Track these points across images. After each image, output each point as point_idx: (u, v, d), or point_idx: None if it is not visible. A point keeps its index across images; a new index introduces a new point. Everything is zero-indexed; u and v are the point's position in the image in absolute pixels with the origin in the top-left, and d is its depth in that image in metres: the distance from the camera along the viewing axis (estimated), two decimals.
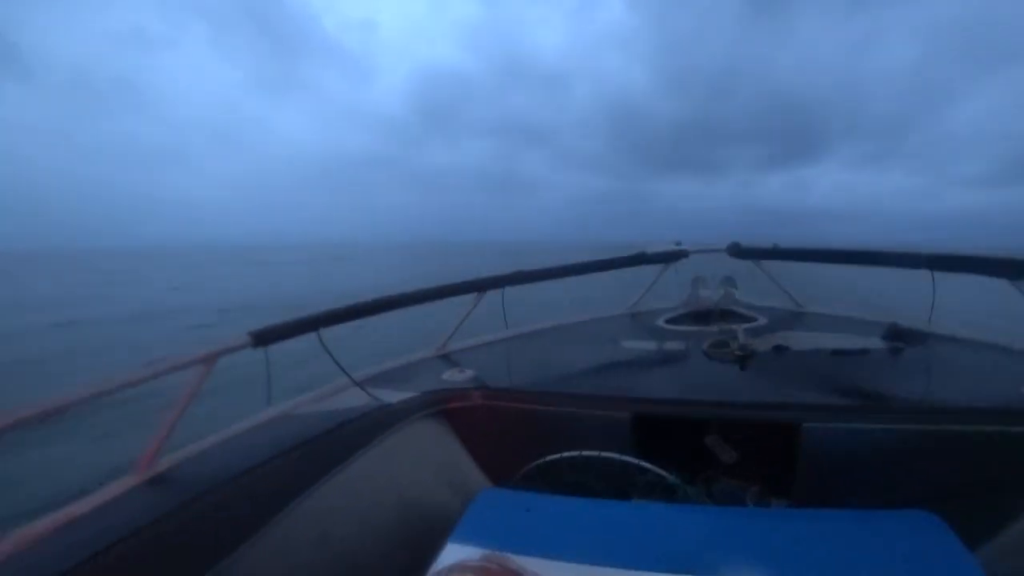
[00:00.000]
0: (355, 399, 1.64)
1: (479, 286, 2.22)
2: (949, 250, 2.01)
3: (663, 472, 1.27)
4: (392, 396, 1.66)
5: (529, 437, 1.66)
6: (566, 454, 1.35)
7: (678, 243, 3.06)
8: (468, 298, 2.23)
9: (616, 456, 1.30)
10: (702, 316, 2.78)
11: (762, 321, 2.55)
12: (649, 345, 2.26)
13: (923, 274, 2.06)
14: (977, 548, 1.13)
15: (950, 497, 1.24)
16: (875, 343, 1.98)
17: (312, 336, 1.60)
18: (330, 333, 1.65)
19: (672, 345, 2.20)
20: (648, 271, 2.94)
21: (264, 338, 1.45)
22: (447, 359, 2.14)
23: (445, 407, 1.73)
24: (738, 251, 2.92)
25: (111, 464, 3.45)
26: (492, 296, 2.29)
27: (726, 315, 2.74)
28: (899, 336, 2.01)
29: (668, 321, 2.69)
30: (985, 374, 1.71)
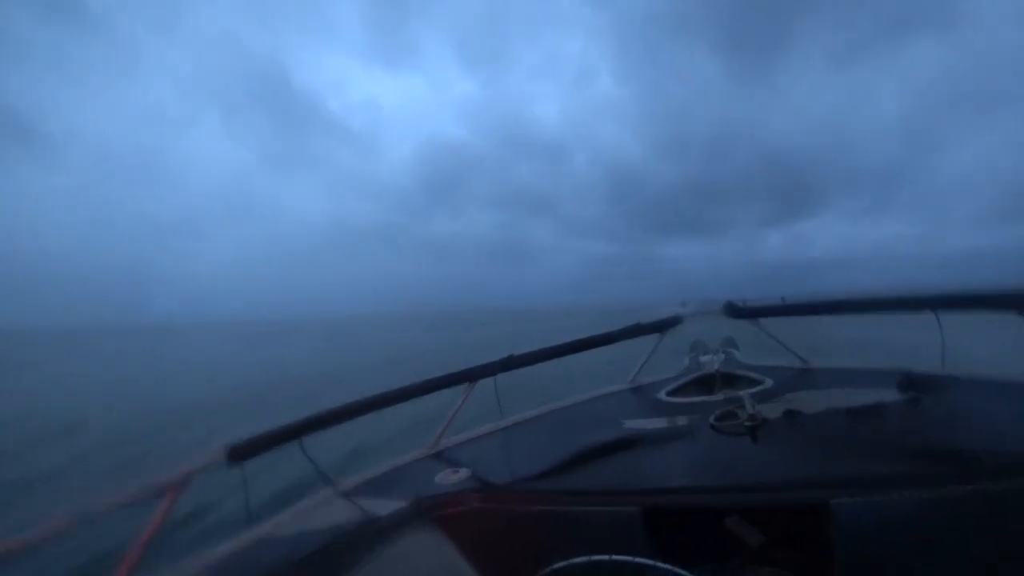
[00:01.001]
0: (342, 512, 1.52)
1: (469, 376, 2.13)
2: (950, 290, 1.96)
3: (683, 572, 1.11)
4: (382, 506, 1.52)
5: (533, 541, 1.51)
6: (574, 560, 1.18)
7: (684, 303, 3.01)
8: (459, 390, 2.13)
9: (629, 559, 1.15)
10: (705, 383, 2.67)
11: (768, 384, 2.43)
12: (653, 423, 2.11)
13: (928, 317, 1.99)
14: None
15: (1006, 569, 1.12)
16: (890, 395, 1.87)
17: (290, 447, 1.50)
18: (313, 437, 1.56)
19: (677, 421, 2.06)
20: (645, 341, 2.86)
21: (241, 452, 1.35)
22: (440, 457, 2.01)
23: (440, 514, 1.57)
24: (734, 311, 2.86)
25: None
26: (485, 384, 2.19)
27: (730, 380, 2.63)
28: (914, 385, 1.91)
29: (670, 393, 2.57)
30: (1012, 420, 1.58)
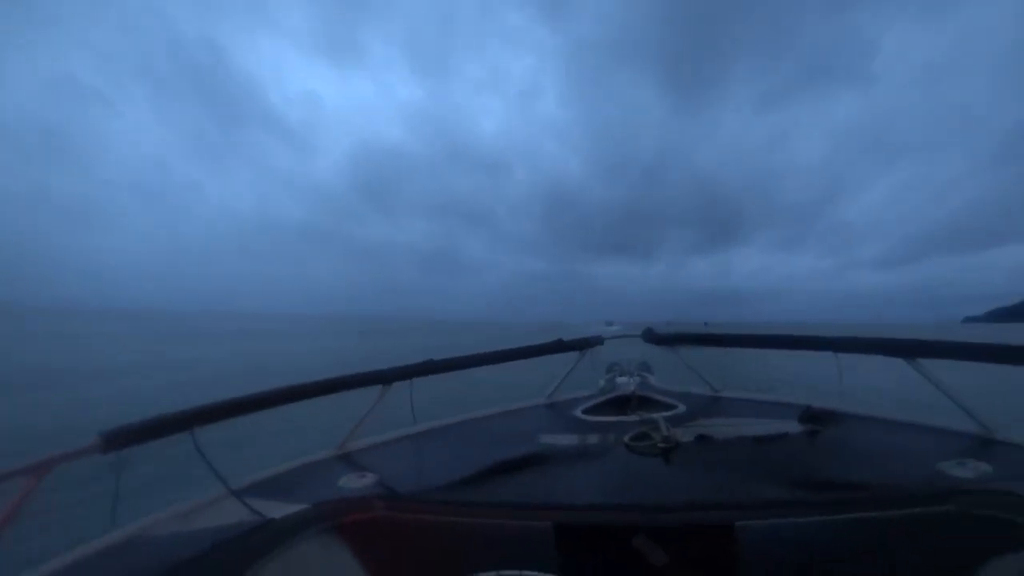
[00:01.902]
0: (232, 514, 1.38)
1: (385, 378, 2.05)
2: (851, 335, 2.17)
3: None
4: (278, 509, 1.40)
5: (438, 552, 1.47)
6: (482, 575, 1.16)
7: (610, 322, 3.11)
8: (374, 391, 2.05)
9: (538, 575, 1.15)
10: (621, 404, 2.75)
11: (681, 409, 2.54)
12: (568, 440, 2.13)
13: (829, 359, 2.18)
14: None
15: None
16: (793, 427, 2.03)
17: (179, 437, 1.37)
18: (205, 435, 1.43)
19: (592, 439, 2.10)
20: (564, 358, 2.92)
21: (118, 440, 1.22)
22: (346, 460, 1.90)
23: (341, 521, 1.47)
24: (653, 337, 2.99)
25: None
26: (400, 387, 2.13)
27: (644, 402, 2.72)
28: (814, 418, 2.09)
29: (586, 411, 2.62)
30: (898, 453, 1.75)
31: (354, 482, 1.63)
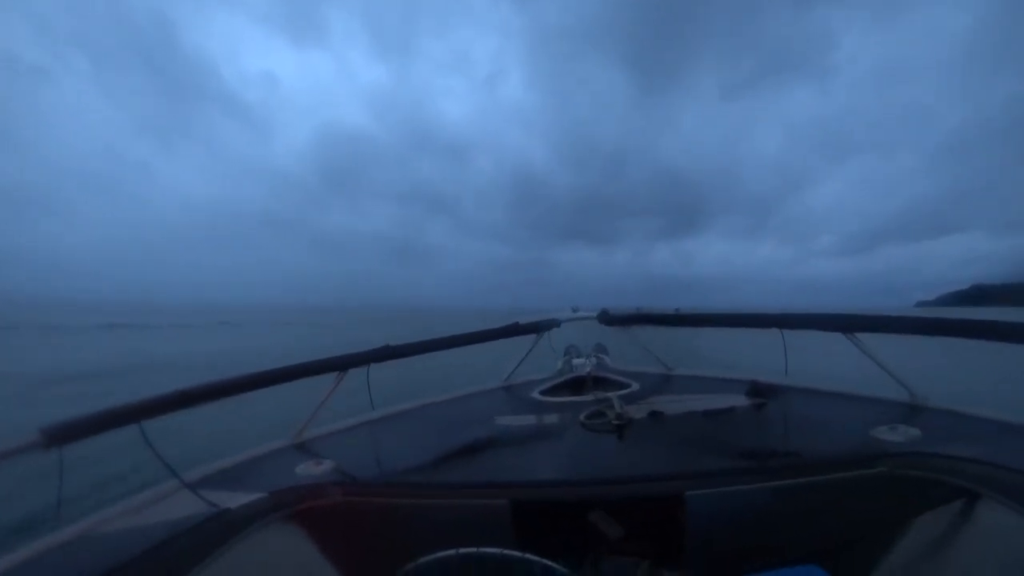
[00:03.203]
0: (186, 506, 1.34)
1: (341, 364, 2.04)
2: (793, 310, 2.30)
3: (550, 563, 1.15)
4: (232, 499, 1.37)
5: (399, 536, 1.47)
6: (440, 554, 1.16)
7: (575, 308, 3.17)
8: (330, 378, 2.04)
9: (497, 551, 1.16)
10: (577, 385, 2.83)
11: (635, 387, 2.62)
12: (525, 420, 2.18)
13: (774, 336, 2.30)
14: None
15: (832, 546, 1.37)
16: (741, 401, 2.15)
17: (126, 431, 1.31)
18: (153, 426, 1.37)
19: (548, 419, 2.15)
20: (521, 342, 2.97)
21: (61, 435, 1.16)
22: (302, 449, 1.89)
23: (299, 508, 1.46)
24: (607, 318, 3.06)
25: None
26: (356, 375, 2.12)
27: (600, 383, 2.79)
28: (760, 392, 2.22)
29: (543, 392, 2.68)
30: (837, 422, 1.88)
31: (311, 470, 1.62)
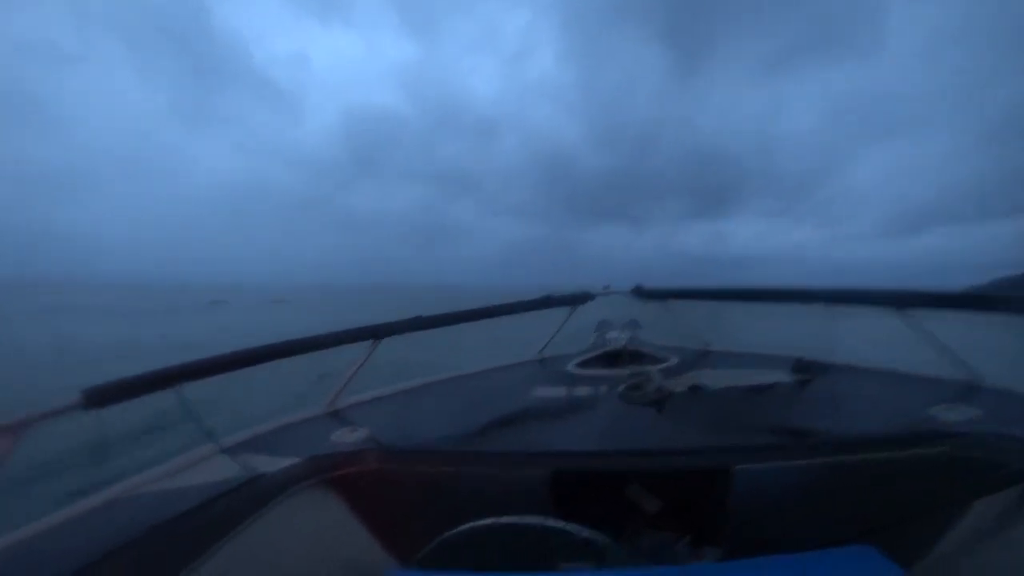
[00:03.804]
0: (223, 470, 1.36)
1: (374, 333, 2.02)
2: (841, 286, 2.19)
3: (591, 533, 1.13)
4: (270, 464, 1.39)
5: (435, 504, 1.47)
6: (479, 523, 1.14)
7: (607, 287, 3.10)
8: (362, 347, 2.02)
9: (538, 521, 1.13)
10: (612, 359, 2.77)
11: (674, 361, 2.56)
12: (561, 392, 2.15)
13: (819, 314, 2.20)
14: (910, 571, 1.14)
15: (880, 525, 1.31)
16: (785, 377, 2.06)
17: (164, 395, 1.33)
18: (192, 391, 1.40)
19: (585, 391, 2.12)
20: (553, 315, 2.92)
21: (102, 397, 1.19)
22: (336, 417, 1.89)
23: (334, 474, 1.47)
24: (643, 293, 2.99)
25: None
26: (389, 345, 2.10)
27: (636, 356, 2.74)
28: (806, 369, 2.12)
29: (578, 365, 2.63)
30: (891, 401, 1.81)
31: (346, 437, 1.62)
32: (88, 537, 1.04)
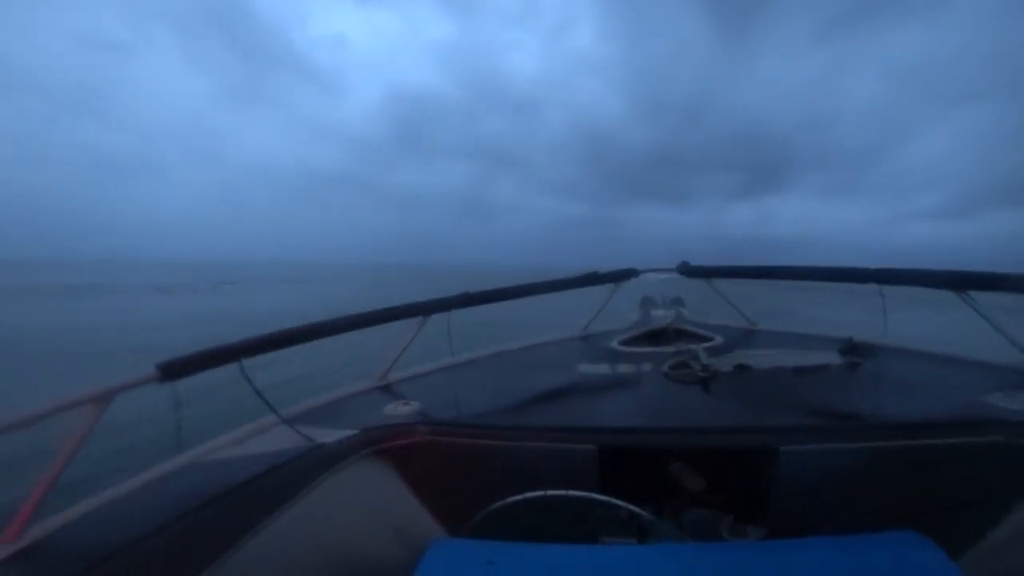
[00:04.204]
0: (283, 439, 1.45)
1: (423, 309, 2.07)
2: (895, 266, 2.09)
3: (636, 508, 1.14)
4: (326, 435, 1.47)
5: (483, 476, 1.51)
6: (530, 495, 1.18)
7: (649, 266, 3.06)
8: (411, 323, 2.08)
9: (587, 495, 1.16)
10: (657, 336, 2.75)
11: (719, 340, 2.53)
12: (606, 369, 2.15)
13: (868, 294, 2.12)
14: (958, 561, 1.13)
15: (927, 512, 1.27)
16: (834, 358, 2.02)
17: (228, 369, 1.42)
18: (252, 365, 1.47)
19: (631, 368, 2.11)
20: (596, 292, 2.89)
21: (174, 370, 1.27)
22: (388, 391, 1.96)
23: (387, 445, 1.54)
24: (689, 270, 2.94)
25: None
26: (437, 321, 2.15)
27: (681, 335, 2.71)
28: (856, 351, 2.07)
29: (623, 343, 2.62)
30: (944, 386, 1.74)
31: (398, 409, 1.69)
32: (164, 499, 1.13)
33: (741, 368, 1.93)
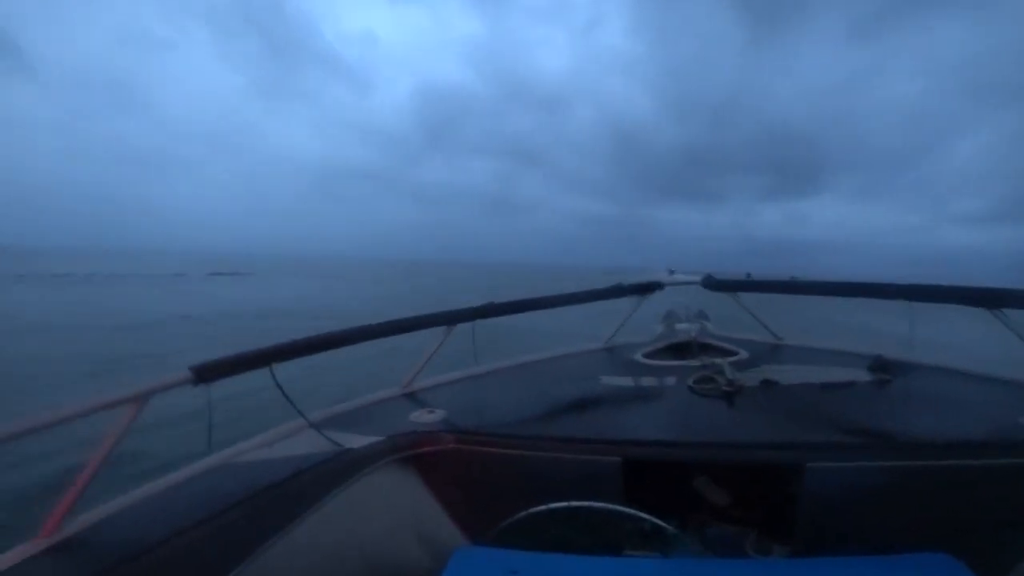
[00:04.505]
0: (311, 444, 1.48)
1: (449, 319, 2.10)
2: (926, 282, 2.05)
3: (660, 522, 1.15)
4: (353, 440, 1.50)
5: (507, 485, 1.53)
6: (554, 505, 1.20)
7: (671, 270, 3.05)
8: (436, 332, 2.10)
9: (611, 507, 1.17)
10: (681, 350, 2.73)
11: (744, 355, 2.50)
12: (630, 381, 2.15)
13: (896, 310, 2.08)
14: None
15: (958, 535, 1.22)
16: (862, 375, 1.98)
17: (259, 373, 1.45)
18: (282, 371, 1.51)
19: (655, 381, 2.11)
20: (619, 305, 2.89)
21: (207, 374, 1.31)
22: (413, 398, 1.99)
23: (413, 452, 1.56)
24: (713, 283, 2.91)
25: (5, 528, 3.13)
26: (462, 330, 2.17)
27: (706, 349, 2.68)
28: (885, 368, 2.03)
29: (647, 355, 2.61)
30: (977, 404, 1.70)
31: (423, 417, 1.71)
32: (193, 500, 1.16)
33: (767, 383, 1.91)
